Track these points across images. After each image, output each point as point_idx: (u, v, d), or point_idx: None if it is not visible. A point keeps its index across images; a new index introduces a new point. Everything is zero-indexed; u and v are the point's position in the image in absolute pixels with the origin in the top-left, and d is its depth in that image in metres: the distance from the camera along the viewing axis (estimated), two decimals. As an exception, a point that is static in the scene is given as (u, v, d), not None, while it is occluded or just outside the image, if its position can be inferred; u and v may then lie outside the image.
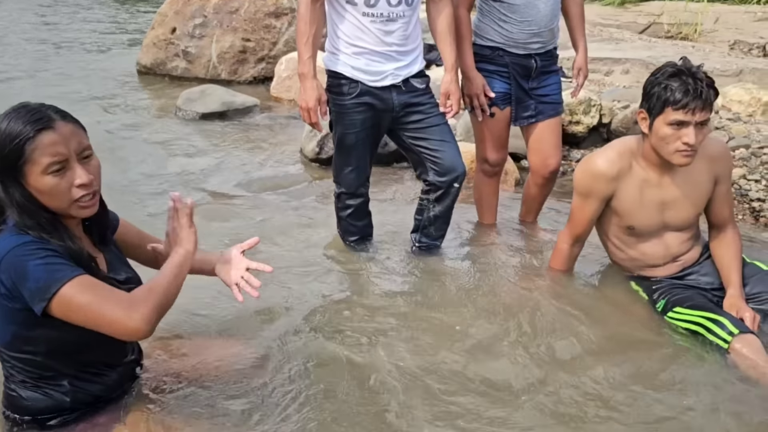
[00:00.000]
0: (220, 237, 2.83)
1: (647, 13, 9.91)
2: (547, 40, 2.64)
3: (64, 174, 1.41)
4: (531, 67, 2.65)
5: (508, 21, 2.57)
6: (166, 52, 6.13)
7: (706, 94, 1.95)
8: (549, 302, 2.36)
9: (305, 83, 2.33)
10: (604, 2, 11.57)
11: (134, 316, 1.38)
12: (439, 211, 2.58)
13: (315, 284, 2.45)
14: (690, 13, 8.47)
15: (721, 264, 2.26)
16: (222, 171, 3.74)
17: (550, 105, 2.75)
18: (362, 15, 2.30)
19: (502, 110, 2.70)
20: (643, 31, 8.76)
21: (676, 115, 1.98)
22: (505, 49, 2.61)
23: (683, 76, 1.97)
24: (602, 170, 2.20)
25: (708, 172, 2.19)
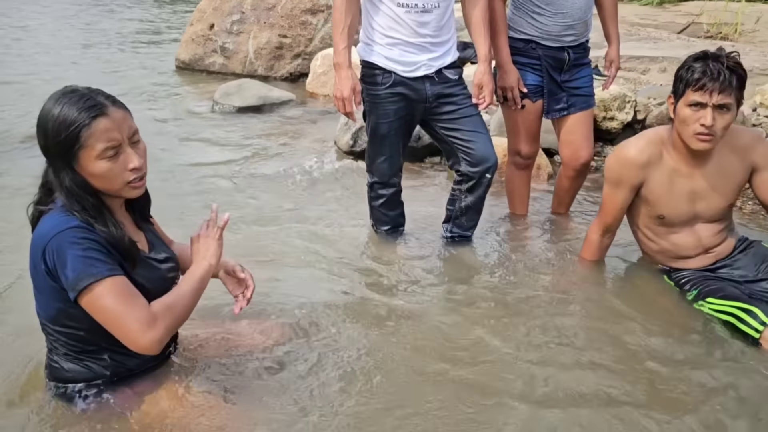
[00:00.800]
0: (252, 225, 2.91)
1: (686, 12, 9.73)
2: (581, 33, 2.64)
3: (117, 158, 1.48)
4: (564, 60, 2.66)
5: (542, 13, 2.58)
6: (204, 48, 6.27)
7: (724, 76, 1.96)
8: (578, 294, 2.38)
9: (340, 73, 2.37)
10: (642, 2, 11.39)
11: (148, 335, 1.45)
12: (471, 202, 2.60)
13: (345, 271, 2.50)
14: (730, 12, 8.30)
15: None
16: (256, 162, 3.83)
17: (582, 98, 2.75)
18: (397, 6, 2.34)
19: (534, 103, 2.71)
20: (681, 31, 8.61)
21: (694, 96, 2.01)
22: (538, 41, 2.63)
23: (707, 59, 2.00)
24: (632, 157, 2.22)
25: (741, 163, 2.19)
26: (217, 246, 1.67)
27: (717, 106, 2.00)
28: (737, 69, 2.00)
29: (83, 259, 1.43)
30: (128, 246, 1.54)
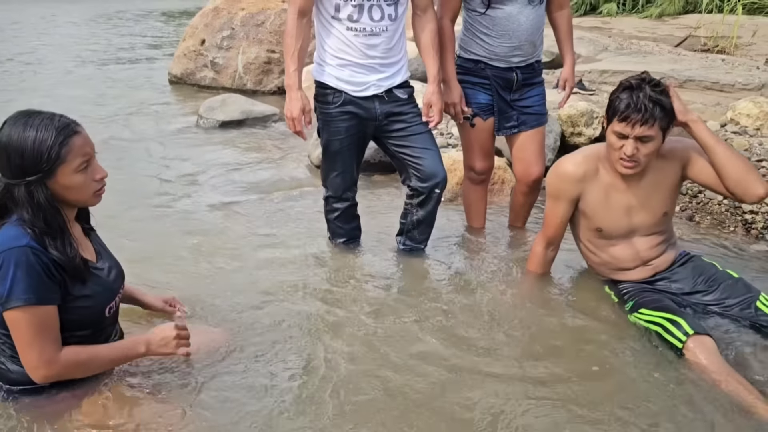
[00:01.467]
0: (219, 235, 3.02)
1: (684, 26, 9.80)
2: (529, 54, 2.72)
3: (87, 170, 1.66)
4: (512, 80, 2.75)
5: (489, 35, 2.67)
6: (195, 63, 6.43)
7: (647, 109, 2.03)
8: (522, 304, 2.46)
9: (290, 94, 2.48)
10: (641, 15, 11.49)
11: (40, 372, 1.65)
12: (422, 216, 2.69)
13: (299, 282, 2.58)
14: (728, 25, 8.36)
15: None
16: (232, 174, 3.95)
17: (532, 116, 2.83)
18: (346, 29, 2.45)
19: (485, 121, 2.80)
20: (679, 44, 8.68)
21: (618, 126, 2.10)
22: (486, 62, 2.72)
23: (631, 90, 2.07)
24: (569, 172, 2.31)
25: (672, 167, 2.26)
26: (171, 348, 1.81)
27: (638, 137, 2.08)
28: (662, 100, 2.06)
29: (21, 281, 1.56)
30: (79, 266, 1.68)
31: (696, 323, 2.09)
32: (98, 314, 1.77)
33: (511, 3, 2.60)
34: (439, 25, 2.65)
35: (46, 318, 1.62)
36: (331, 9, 2.44)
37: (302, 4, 2.43)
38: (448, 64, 2.70)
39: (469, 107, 2.75)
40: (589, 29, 10.09)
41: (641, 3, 11.69)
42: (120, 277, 1.88)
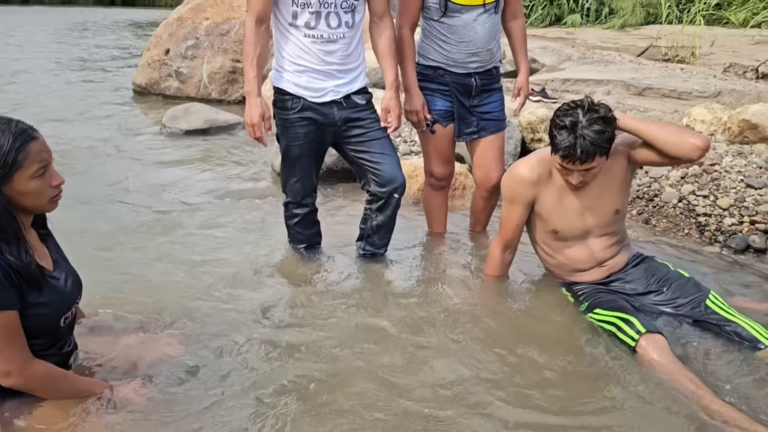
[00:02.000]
0: (182, 243, 2.99)
1: (646, 36, 10.04)
2: (486, 60, 2.77)
3: (44, 176, 1.63)
4: (471, 86, 2.78)
5: (447, 41, 2.70)
6: (159, 73, 6.38)
7: (586, 152, 2.08)
8: (480, 307, 2.48)
9: (250, 100, 2.47)
10: (605, 26, 11.75)
11: (10, 379, 1.62)
12: (381, 221, 2.70)
13: (261, 288, 2.57)
14: (687, 36, 8.59)
15: None
16: (194, 182, 3.92)
17: (492, 122, 2.87)
18: (304, 36, 2.46)
19: (444, 127, 2.83)
20: (641, 54, 8.89)
21: (561, 162, 2.16)
22: (445, 68, 2.75)
23: (571, 131, 2.09)
24: (523, 175, 2.35)
25: (618, 163, 2.31)
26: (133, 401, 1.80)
27: (583, 170, 2.15)
28: (601, 137, 2.09)
29: None
30: (35, 273, 1.64)
31: (648, 322, 2.14)
32: (54, 323, 1.73)
33: (467, 11, 2.64)
34: (399, 34, 2.68)
35: (10, 323, 1.59)
36: (289, 16, 2.45)
37: (260, 11, 2.43)
38: (409, 72, 2.73)
39: (430, 114, 2.77)
40: (553, 39, 10.29)
41: (604, 14, 11.98)
42: (77, 287, 1.85)
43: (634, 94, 6.21)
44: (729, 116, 4.10)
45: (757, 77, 7.04)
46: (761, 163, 3.61)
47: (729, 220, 3.22)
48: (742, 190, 3.39)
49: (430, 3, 2.66)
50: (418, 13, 2.72)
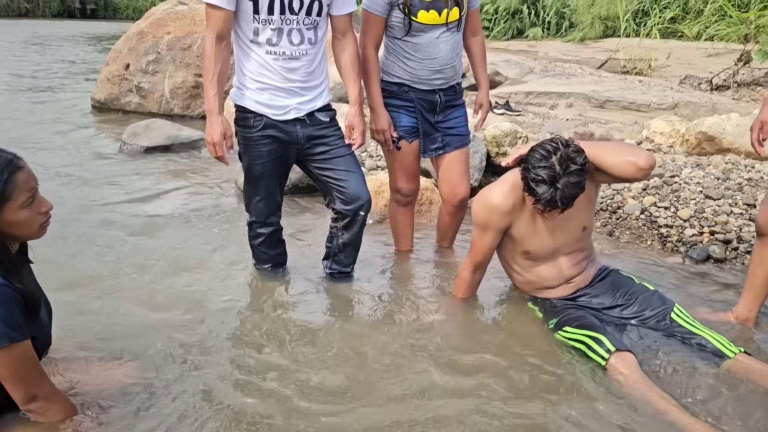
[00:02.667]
0: (145, 261, 2.91)
1: (605, 49, 10.28)
2: (450, 77, 2.78)
3: (32, 204, 1.63)
4: (436, 102, 2.79)
5: (412, 59, 2.71)
6: (119, 88, 6.26)
7: (565, 201, 2.09)
8: (449, 324, 2.47)
9: (211, 119, 2.42)
10: (565, 38, 12.00)
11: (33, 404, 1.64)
12: (347, 239, 2.67)
13: (226, 310, 2.51)
14: (644, 49, 8.81)
15: None
16: (156, 200, 3.83)
17: (456, 137, 2.88)
18: (266, 53, 2.42)
19: (410, 143, 2.82)
20: (600, 66, 9.09)
21: (540, 209, 2.16)
22: (410, 85, 2.75)
23: (550, 185, 2.07)
24: (497, 205, 2.32)
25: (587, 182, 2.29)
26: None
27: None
28: (578, 187, 2.09)
29: (6, 320, 1.53)
30: (35, 298, 1.66)
31: (617, 340, 2.15)
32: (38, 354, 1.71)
33: (431, 29, 2.65)
34: (363, 53, 2.68)
35: (31, 350, 1.61)
36: (250, 33, 2.41)
37: (220, 28, 2.39)
38: (374, 91, 2.72)
39: (396, 131, 2.77)
40: (516, 52, 10.46)
41: (564, 27, 12.23)
42: (50, 316, 1.85)
43: (596, 107, 6.33)
44: (687, 128, 4.20)
45: (712, 89, 7.25)
46: (718, 174, 3.69)
47: (690, 231, 3.28)
48: (702, 201, 3.46)
49: (393, 22, 2.66)
50: (382, 32, 2.72)
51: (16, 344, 1.54)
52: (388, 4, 2.63)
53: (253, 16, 2.38)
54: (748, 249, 3.15)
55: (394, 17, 2.65)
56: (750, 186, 3.57)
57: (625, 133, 5.03)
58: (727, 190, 3.53)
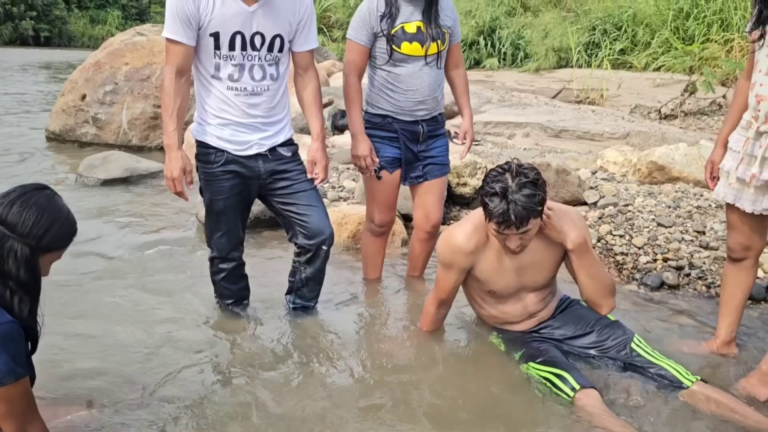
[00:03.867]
0: (102, 302, 2.84)
1: (559, 79, 10.59)
2: (432, 108, 2.85)
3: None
4: (419, 132, 2.86)
5: (395, 90, 2.77)
6: (75, 119, 6.15)
7: (520, 218, 2.06)
8: (413, 356, 2.47)
9: (170, 154, 2.41)
10: (520, 69, 12.32)
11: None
12: (310, 273, 2.66)
13: (186, 349, 2.46)
14: (596, 79, 9.12)
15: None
16: (114, 235, 3.75)
17: (437, 166, 2.95)
18: (227, 89, 2.43)
19: (391, 174, 2.88)
20: (555, 96, 9.36)
21: (497, 228, 2.15)
22: (393, 116, 2.82)
23: (502, 197, 2.08)
24: (460, 245, 2.34)
25: (559, 246, 2.34)
26: None
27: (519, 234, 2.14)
28: (532, 201, 2.08)
29: (12, 358, 1.56)
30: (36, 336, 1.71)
31: (582, 377, 2.17)
32: None
33: (413, 61, 2.73)
34: (346, 80, 2.75)
35: (27, 390, 1.64)
36: (211, 68, 2.42)
37: (180, 63, 2.39)
38: (355, 118, 2.78)
39: (377, 158, 2.82)
40: (473, 82, 10.65)
41: (520, 58, 12.57)
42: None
43: (551, 136, 6.51)
44: (638, 158, 4.34)
45: (660, 118, 7.55)
46: (669, 203, 3.83)
47: (644, 258, 3.38)
48: (654, 228, 3.58)
49: (377, 52, 2.74)
50: (365, 61, 2.79)
51: (21, 381, 1.58)
52: (372, 34, 2.71)
53: (214, 52, 2.39)
54: (699, 275, 3.26)
55: (378, 47, 2.73)
56: (699, 214, 3.71)
57: (580, 161, 5.18)
58: (678, 218, 3.66)
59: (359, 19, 2.72)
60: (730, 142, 2.37)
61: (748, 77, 2.30)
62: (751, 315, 2.93)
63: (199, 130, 2.52)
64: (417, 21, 2.71)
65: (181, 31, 2.34)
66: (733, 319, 2.52)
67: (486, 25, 13.05)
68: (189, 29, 2.34)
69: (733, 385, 2.30)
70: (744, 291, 2.50)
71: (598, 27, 11.35)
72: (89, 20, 35.21)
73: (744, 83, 2.34)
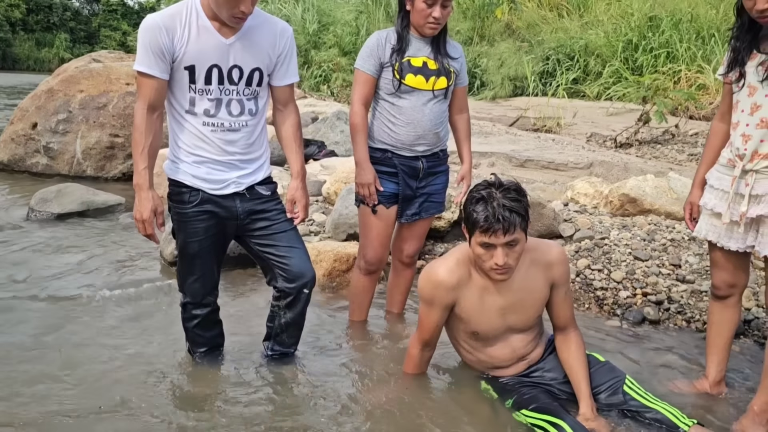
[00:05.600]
0: (57, 344, 2.63)
1: (516, 107, 10.77)
2: (433, 144, 2.78)
3: None
4: (418, 168, 2.79)
5: (396, 122, 2.71)
6: (25, 148, 5.85)
7: (506, 220, 2.02)
8: (400, 405, 2.34)
9: (140, 194, 2.26)
10: (478, 97, 12.48)
11: None
12: (290, 318, 2.52)
13: (152, 403, 2.27)
14: (552, 107, 9.29)
15: (569, 372, 2.33)
16: (70, 274, 3.51)
17: (433, 204, 2.91)
18: (203, 125, 2.29)
19: (387, 209, 2.81)
20: (512, 124, 9.48)
21: (483, 238, 2.08)
22: (393, 151, 2.76)
23: (486, 202, 2.06)
24: (442, 280, 2.25)
25: (544, 278, 2.29)
26: None
27: (506, 244, 2.08)
28: (517, 208, 2.06)
29: None
30: None
31: (578, 425, 2.10)
32: None
33: (417, 94, 2.69)
34: (352, 109, 2.72)
35: None
36: (186, 103, 2.29)
37: (152, 98, 2.24)
38: (360, 146, 2.72)
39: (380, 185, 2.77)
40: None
41: (477, 86, 12.76)
42: None
43: (516, 166, 6.53)
44: (609, 190, 4.37)
45: (616, 146, 7.71)
46: (644, 236, 3.84)
47: (624, 293, 3.36)
48: (632, 262, 3.57)
49: (383, 83, 2.71)
50: (372, 91, 2.75)
51: None
52: (379, 64, 2.69)
53: (189, 86, 2.26)
54: (678, 309, 3.25)
55: (384, 78, 2.71)
56: (673, 246, 3.72)
57: (548, 192, 5.19)
58: (653, 251, 3.67)
59: (368, 49, 2.70)
60: (709, 179, 2.38)
61: (723, 119, 2.36)
62: (733, 350, 2.92)
63: (173, 168, 2.37)
64: (424, 56, 2.71)
65: (154, 64, 2.20)
66: (722, 358, 2.51)
67: (444, 53, 13.23)
68: (162, 62, 2.21)
69: (727, 426, 2.27)
70: (731, 329, 2.49)
71: (552, 57, 11.64)
72: (35, 43, 34.23)
73: (719, 125, 2.39)
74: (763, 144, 2.15)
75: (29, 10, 34.34)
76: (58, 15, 36.28)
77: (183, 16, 2.22)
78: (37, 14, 35.16)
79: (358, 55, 2.74)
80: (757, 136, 2.15)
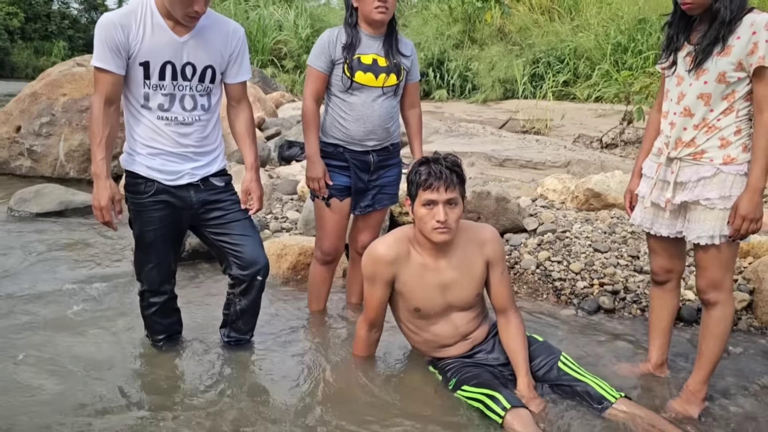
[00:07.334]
0: (32, 334, 2.70)
1: (506, 110, 10.87)
2: (383, 138, 2.87)
3: None
4: (369, 162, 2.88)
5: (346, 118, 2.80)
6: (9, 151, 5.95)
7: (446, 175, 2.21)
8: (349, 388, 2.42)
9: (98, 183, 2.34)
10: (469, 100, 12.59)
11: None
12: (245, 305, 2.61)
13: (114, 389, 2.36)
14: (541, 110, 9.38)
15: (509, 352, 2.42)
16: (45, 272, 3.59)
17: (386, 195, 3.00)
18: (157, 118, 2.38)
19: (341, 202, 2.89)
20: (502, 126, 9.57)
21: (426, 195, 2.23)
22: (344, 146, 2.84)
23: (428, 163, 2.25)
24: (381, 254, 2.37)
25: (480, 255, 2.40)
26: None
27: (446, 201, 2.22)
28: (455, 168, 2.25)
29: None
30: None
31: (512, 397, 2.19)
32: None
33: (367, 91, 2.77)
34: (304, 105, 2.81)
35: None
36: (141, 98, 2.38)
37: (109, 92, 2.33)
38: (311, 141, 2.81)
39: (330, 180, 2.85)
40: (423, 113, 10.85)
41: (468, 89, 12.86)
42: None
43: (495, 165, 6.62)
44: (576, 186, 4.45)
45: (602, 147, 7.79)
46: (605, 229, 3.92)
47: (581, 284, 3.44)
48: (591, 254, 3.65)
49: (334, 79, 2.79)
50: (323, 87, 2.83)
51: None
52: (330, 62, 2.76)
53: (143, 81, 2.35)
54: (634, 299, 3.33)
55: (335, 75, 2.78)
56: (633, 239, 3.81)
57: (522, 190, 5.28)
58: (613, 243, 3.75)
59: (319, 47, 2.78)
60: (643, 168, 2.46)
61: (659, 109, 2.40)
62: (683, 337, 3.01)
63: (129, 160, 2.46)
64: (374, 54, 2.78)
65: (110, 59, 2.30)
66: (663, 341, 2.59)
67: (435, 57, 13.35)
68: (118, 58, 2.30)
69: (664, 404, 2.35)
70: (671, 313, 2.57)
71: (542, 60, 11.73)
72: (34, 51, 34.42)
73: (655, 115, 2.45)
74: (686, 132, 2.23)
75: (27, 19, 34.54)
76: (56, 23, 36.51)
77: (138, 14, 2.32)
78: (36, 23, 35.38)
79: (311, 52, 2.82)
80: (680, 123, 2.24)
